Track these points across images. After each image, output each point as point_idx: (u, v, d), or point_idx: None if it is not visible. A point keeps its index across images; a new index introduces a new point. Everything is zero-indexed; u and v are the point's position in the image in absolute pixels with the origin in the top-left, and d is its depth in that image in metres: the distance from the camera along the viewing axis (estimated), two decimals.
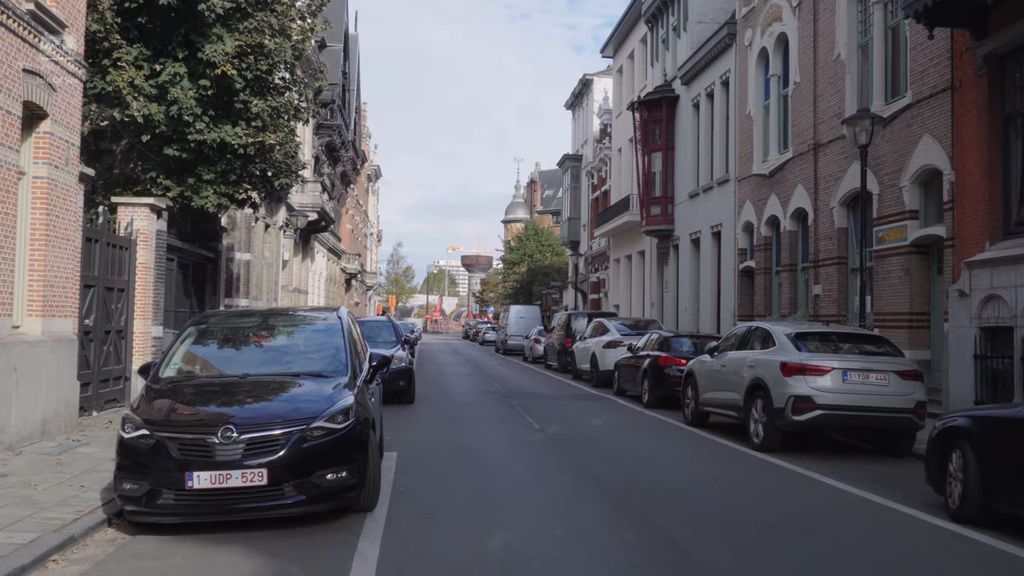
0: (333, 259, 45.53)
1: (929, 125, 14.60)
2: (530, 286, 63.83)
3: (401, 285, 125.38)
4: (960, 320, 13.40)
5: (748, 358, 11.48)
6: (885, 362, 10.45)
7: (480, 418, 14.32)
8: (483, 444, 11.30)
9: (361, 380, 7.54)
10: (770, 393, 10.56)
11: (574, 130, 50.93)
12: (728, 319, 24.12)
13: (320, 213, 30.89)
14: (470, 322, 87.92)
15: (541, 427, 13.02)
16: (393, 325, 18.39)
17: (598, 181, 43.24)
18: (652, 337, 18.07)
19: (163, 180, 15.19)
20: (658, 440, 12.18)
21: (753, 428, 11.00)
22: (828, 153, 18.32)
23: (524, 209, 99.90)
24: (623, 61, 37.71)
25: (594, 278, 43.99)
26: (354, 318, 9.19)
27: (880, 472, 9.65)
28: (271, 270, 26.91)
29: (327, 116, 35.34)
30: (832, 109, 18.14)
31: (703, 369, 13.15)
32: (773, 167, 21.09)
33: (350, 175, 47.39)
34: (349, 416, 6.59)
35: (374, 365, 8.04)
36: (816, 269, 18.72)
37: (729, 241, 24.28)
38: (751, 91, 22.71)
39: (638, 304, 34.66)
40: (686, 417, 13.79)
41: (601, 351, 21.63)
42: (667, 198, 29.70)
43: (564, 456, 10.31)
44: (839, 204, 17.79)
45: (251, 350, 7.89)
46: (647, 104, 30.28)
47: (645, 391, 16.82)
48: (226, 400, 6.83)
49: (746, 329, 12.45)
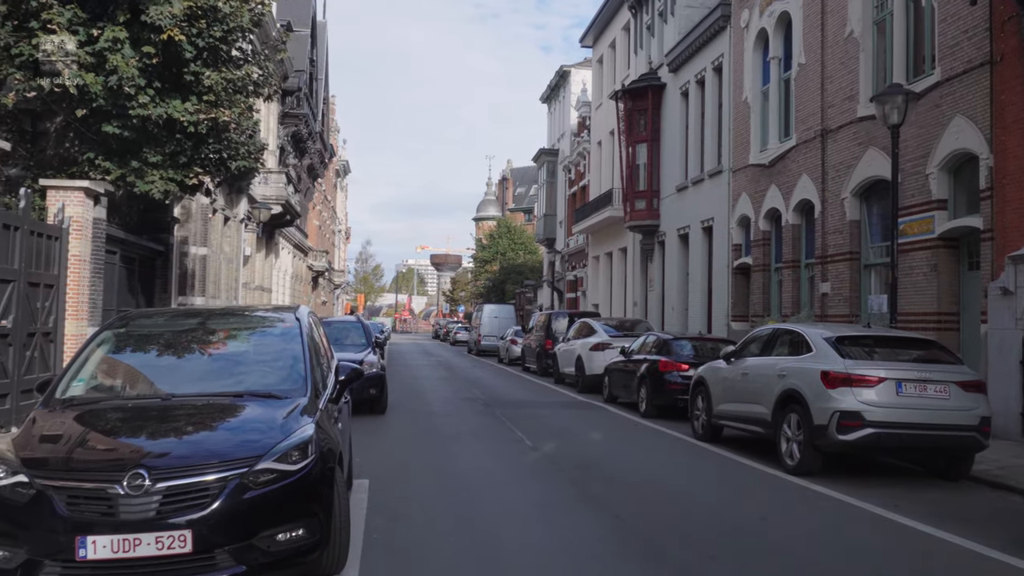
0: (299, 256, 43.55)
1: (962, 105, 13.16)
2: (503, 285, 62.20)
3: (370, 284, 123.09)
4: (1003, 321, 11.96)
5: (777, 365, 9.92)
6: (944, 371, 8.92)
7: (462, 432, 12.64)
8: (470, 468, 9.62)
9: (325, 400, 5.84)
10: (808, 407, 9.00)
11: (550, 124, 49.34)
12: (721, 320, 22.65)
13: (285, 206, 29.00)
14: (440, 322, 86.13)
15: (533, 444, 11.37)
16: (363, 326, 16.63)
17: (575, 176, 41.69)
18: (648, 339, 16.49)
19: (102, 162, 13.32)
20: (672, 461, 10.57)
21: (786, 448, 9.43)
22: (838, 139, 16.86)
23: (496, 207, 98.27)
24: (603, 50, 36.16)
25: (571, 276, 42.45)
26: (317, 319, 7.47)
27: (945, 503, 8.13)
28: (231, 266, 25.00)
29: (293, 104, 33.48)
30: (843, 91, 16.68)
31: (717, 377, 11.58)
32: (773, 156, 19.62)
33: (317, 169, 45.42)
34: (308, 453, 4.89)
35: (342, 380, 6.34)
36: (824, 266, 17.26)
37: (722, 236, 22.79)
38: (748, 76, 21.23)
39: (619, 303, 33.14)
40: (695, 431, 12.22)
41: (588, 354, 20.03)
42: (652, 192, 28.17)
43: (570, 485, 8.66)
44: (851, 195, 16.33)
45: (182, 362, 6.12)
46: (631, 93, 28.75)
47: (642, 399, 15.24)
48: (140, 432, 5.08)
49: (771, 332, 10.89)
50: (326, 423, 5.52)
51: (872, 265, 16.15)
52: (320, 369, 6.17)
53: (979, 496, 8.60)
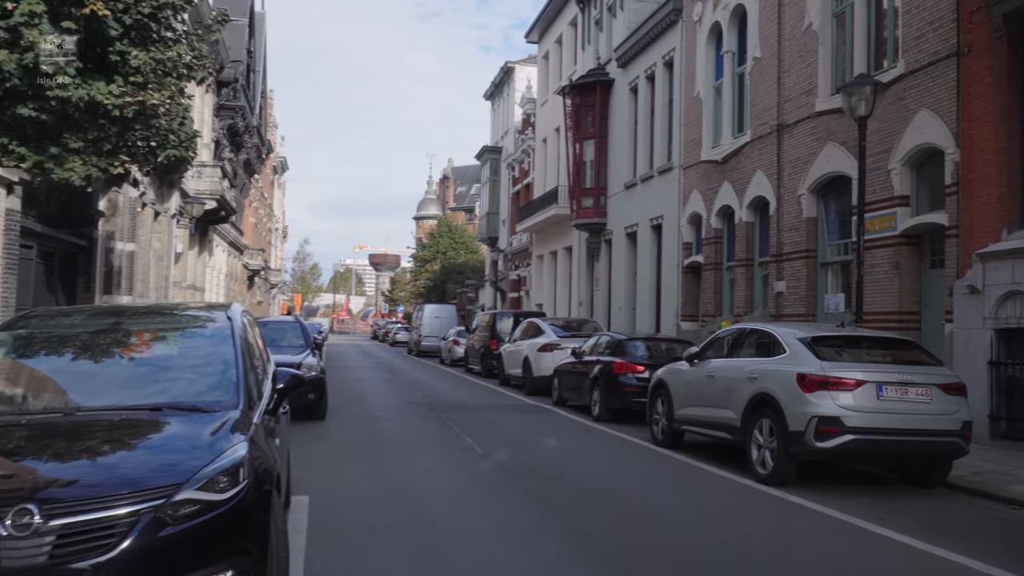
0: (234, 254, 42.05)
1: (927, 98, 12.83)
2: (443, 284, 61.27)
3: (307, 283, 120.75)
4: (970, 320, 11.63)
5: (747, 368, 9.35)
6: (924, 373, 8.45)
7: (409, 439, 11.84)
8: (420, 479, 8.84)
9: (260, 412, 5.02)
10: (783, 412, 8.44)
11: (493, 121, 48.64)
12: (670, 320, 22.21)
13: (220, 202, 27.71)
14: (379, 322, 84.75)
15: (485, 451, 10.63)
16: (301, 326, 15.66)
17: (520, 174, 41.06)
18: (600, 340, 15.88)
19: (16, 147, 12.15)
20: (635, 469, 9.93)
21: (757, 455, 8.86)
22: (795, 135, 16.49)
23: (436, 206, 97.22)
24: (549, 46, 35.59)
25: (514, 276, 41.80)
26: (252, 319, 6.63)
27: (931, 514, 7.64)
28: (161, 264, 23.70)
29: (230, 96, 32.13)
30: (801, 85, 16.31)
31: (679, 380, 10.99)
32: (726, 152, 19.21)
33: (254, 164, 43.94)
34: (239, 478, 4.07)
35: (280, 388, 5.51)
36: (779, 264, 16.88)
37: (672, 234, 22.36)
38: (700, 70, 20.81)
39: (564, 303, 32.60)
40: (654, 436, 11.62)
41: (536, 355, 19.37)
42: (600, 189, 27.66)
43: (530, 499, 7.95)
44: (808, 191, 15.97)
45: (91, 370, 5.20)
46: (579, 88, 28.20)
47: (595, 402, 14.61)
48: (32, 456, 4.18)
49: (737, 332, 10.34)
50: (261, 440, 4.70)
51: (829, 263, 15.81)
52: (255, 376, 5.34)
53: (961, 505, 8.15)
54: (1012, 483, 8.59)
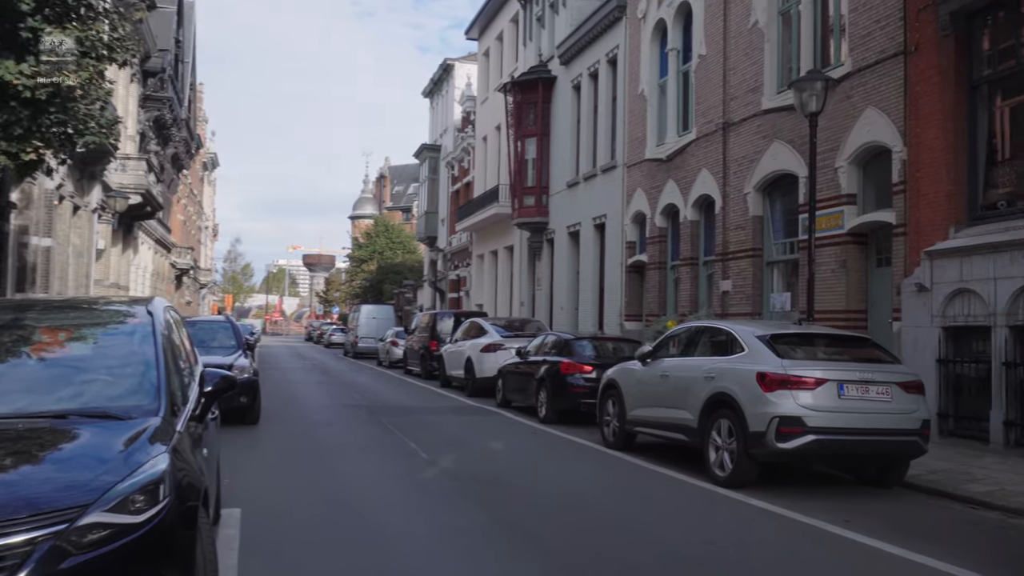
0: (162, 252, 40.62)
1: (874, 96, 12.74)
2: (380, 285, 60.35)
3: (239, 284, 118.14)
4: (918, 318, 11.55)
5: (703, 367, 9.03)
6: (884, 371, 8.23)
7: (348, 444, 11.25)
8: (363, 489, 8.29)
9: (185, 418, 4.45)
10: (742, 413, 8.13)
11: (432, 119, 48.02)
12: (613, 319, 21.97)
13: (145, 196, 26.58)
14: (314, 323, 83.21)
15: (430, 456, 10.12)
16: (233, 326, 14.88)
17: (459, 172, 40.55)
18: (547, 340, 15.48)
19: None
20: (588, 474, 9.51)
21: (715, 457, 8.54)
22: (741, 133, 16.35)
23: (373, 205, 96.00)
24: (490, 43, 35.17)
25: (453, 276, 41.26)
26: (179, 316, 6.02)
27: (895, 516, 7.39)
28: (81, 260, 22.56)
29: (157, 87, 30.93)
30: (747, 83, 16.17)
31: (631, 380, 10.64)
32: (671, 151, 19.02)
33: (183, 159, 42.55)
34: (159, 496, 3.52)
35: (209, 391, 4.94)
36: (725, 263, 16.72)
37: (615, 234, 22.12)
38: (644, 68, 20.60)
39: (505, 303, 32.19)
40: (605, 438, 11.25)
41: (478, 355, 18.89)
42: (541, 188, 27.32)
43: (482, 508, 7.47)
44: (754, 190, 15.83)
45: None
46: (520, 85, 27.82)
47: (542, 404, 14.21)
48: None
49: (692, 330, 10.01)
50: (186, 450, 4.15)
51: (775, 262, 15.69)
52: (179, 378, 4.77)
53: (921, 505, 7.94)
54: (969, 482, 8.43)
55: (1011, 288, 10.06)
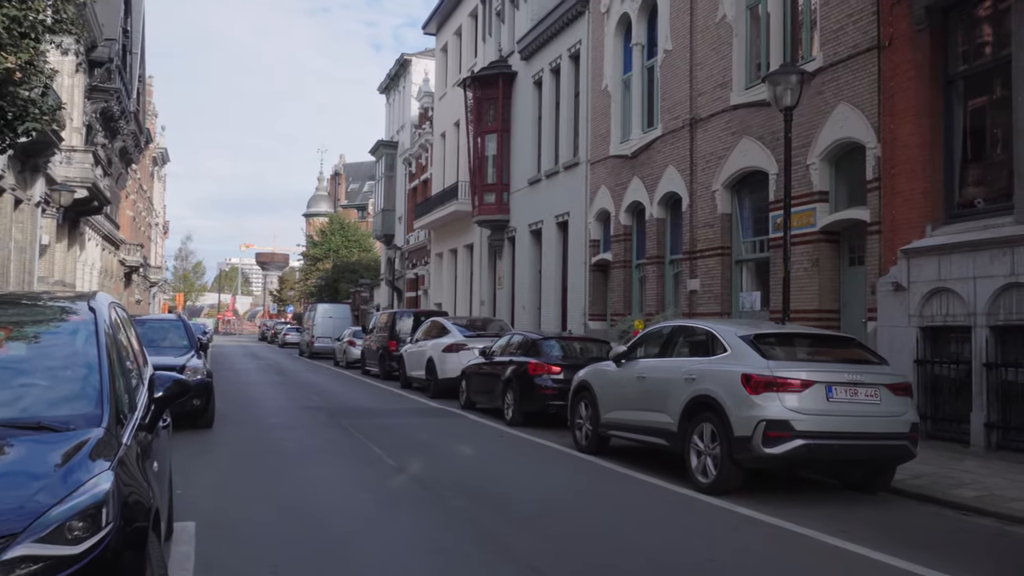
0: (110, 249, 39.36)
1: (847, 92, 12.54)
2: (336, 284, 59.38)
3: (190, 282, 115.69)
4: (894, 318, 11.35)
5: (683, 368, 8.67)
6: (872, 372, 7.95)
7: (308, 449, 10.70)
8: (328, 499, 7.77)
9: (132, 428, 3.94)
10: (727, 416, 7.79)
11: (389, 115, 47.30)
12: (577, 319, 21.63)
13: (91, 190, 25.59)
14: (267, 322, 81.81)
15: (397, 463, 9.64)
16: (185, 325, 14.20)
17: (417, 169, 39.94)
18: (513, 340, 15.05)
19: None
20: (565, 481, 9.07)
21: (697, 463, 8.19)
22: (709, 129, 16.09)
23: (328, 203, 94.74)
24: (448, 38, 34.64)
25: (411, 274, 40.64)
26: (126, 315, 5.47)
27: (890, 525, 7.09)
28: (23, 256, 21.58)
29: (104, 77, 29.85)
30: (715, 78, 15.93)
31: (605, 381, 10.26)
32: (636, 147, 18.73)
33: (132, 153, 41.29)
34: (101, 522, 3.02)
35: (159, 397, 4.41)
36: (692, 261, 16.46)
37: (579, 232, 21.78)
38: (608, 63, 20.29)
39: (464, 302, 31.72)
40: (578, 442, 10.85)
41: (440, 356, 18.40)
42: (502, 185, 26.90)
43: (458, 520, 7.00)
44: (723, 187, 15.59)
45: None
46: (480, 80, 27.36)
47: (509, 405, 13.78)
48: None
49: (670, 329, 9.65)
50: (133, 464, 3.64)
51: (744, 260, 15.46)
52: (126, 382, 4.24)
53: (912, 512, 7.66)
54: (956, 487, 8.19)
55: (991, 287, 9.89)
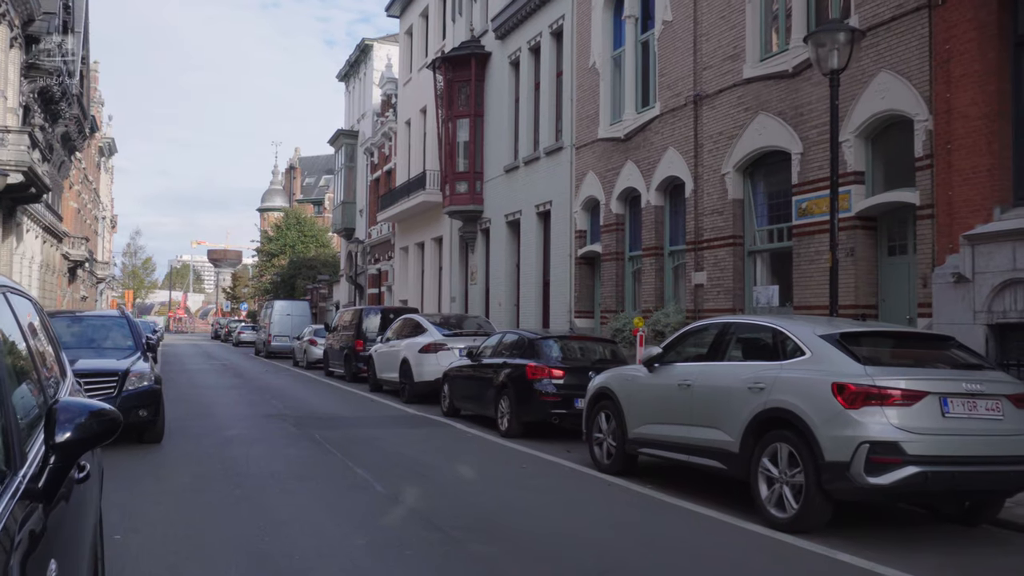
0: (51, 242, 36.83)
1: (890, 58, 11.12)
2: (292, 280, 57.18)
3: (140, 279, 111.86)
4: (954, 314, 9.94)
5: (745, 374, 7.11)
6: (989, 380, 6.43)
7: (278, 472, 8.95)
8: (310, 543, 6.06)
9: (16, 494, 2.22)
10: (814, 435, 6.25)
11: (348, 103, 45.26)
12: (562, 316, 20.06)
13: (28, 175, 23.34)
14: (221, 320, 79.16)
15: (388, 489, 7.97)
16: (129, 323, 12.26)
17: (379, 159, 38.03)
18: (505, 339, 13.42)
19: None
20: (604, 514, 7.38)
21: (769, 493, 6.65)
22: (717, 106, 14.61)
23: (283, 197, 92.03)
24: (413, 19, 32.80)
25: (374, 270, 38.73)
26: (32, 306, 3.70)
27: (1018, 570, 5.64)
28: None
29: (42, 55, 27.52)
30: (723, 50, 14.45)
31: (634, 389, 8.68)
32: (630, 129, 17.20)
33: (75, 140, 38.75)
34: None
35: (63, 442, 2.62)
36: (698, 252, 14.98)
37: (563, 222, 20.20)
38: (596, 39, 18.73)
39: (433, 299, 29.99)
40: (597, 460, 9.26)
41: (416, 357, 16.71)
42: (475, 173, 25.23)
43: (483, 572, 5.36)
44: (734, 170, 14.12)
45: None
46: (451, 62, 25.61)
47: (503, 414, 12.16)
48: None
49: (719, 327, 8.06)
50: None
51: (758, 251, 14.02)
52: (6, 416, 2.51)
53: None
54: None
55: None
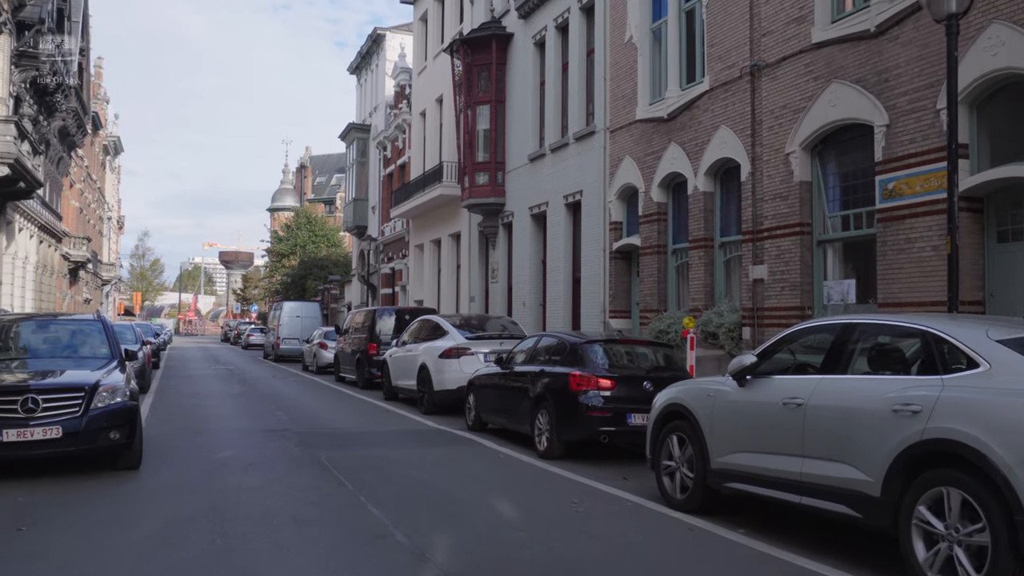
0: (49, 241, 35.31)
1: (1006, 8, 9.32)
2: (303, 281, 55.73)
3: (148, 281, 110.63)
4: None
5: (887, 392, 5.33)
6: None
7: (279, 513, 7.23)
8: None
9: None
10: (1007, 480, 4.49)
11: (360, 97, 43.65)
12: (594, 316, 18.31)
13: (15, 168, 21.77)
14: (231, 323, 77.90)
15: (412, 540, 6.24)
16: (104, 328, 10.46)
17: (393, 153, 36.38)
18: (542, 343, 11.67)
19: None
20: (688, 574, 5.71)
21: (927, 555, 4.89)
22: (779, 76, 12.84)
23: (293, 197, 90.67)
24: (428, 4, 31.14)
25: (387, 269, 37.09)
26: None
27: None
28: None
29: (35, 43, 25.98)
30: (787, 13, 12.67)
31: (720, 407, 6.92)
32: (673, 107, 15.43)
33: (74, 135, 37.23)
34: None
35: None
36: (757, 243, 13.20)
37: (595, 213, 18.45)
38: (633, 11, 16.98)
39: (450, 299, 28.30)
40: (667, 494, 7.50)
41: (437, 363, 15.00)
42: (497, 164, 23.50)
43: None
44: (801, 148, 12.35)
45: None
46: (471, 44, 23.90)
47: (542, 431, 10.41)
48: None
49: (839, 328, 6.19)
50: None
51: (829, 240, 12.24)
52: None
53: None
54: None
55: None
